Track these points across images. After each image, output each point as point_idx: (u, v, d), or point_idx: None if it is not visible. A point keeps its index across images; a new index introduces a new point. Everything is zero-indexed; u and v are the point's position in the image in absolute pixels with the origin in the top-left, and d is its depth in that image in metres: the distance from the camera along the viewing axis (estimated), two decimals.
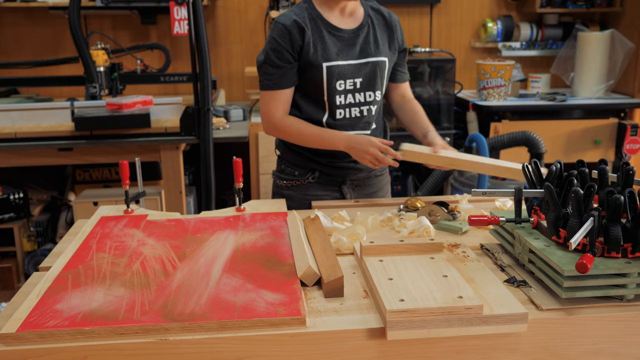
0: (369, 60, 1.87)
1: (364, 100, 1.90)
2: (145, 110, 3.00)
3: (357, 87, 1.88)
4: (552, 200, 1.25)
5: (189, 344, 1.08)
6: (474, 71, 4.20)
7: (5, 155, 2.94)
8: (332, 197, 1.99)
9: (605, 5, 4.05)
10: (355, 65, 1.86)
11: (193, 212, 3.61)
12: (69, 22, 3.12)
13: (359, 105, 1.89)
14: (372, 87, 1.90)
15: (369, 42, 1.88)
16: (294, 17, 1.82)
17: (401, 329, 1.09)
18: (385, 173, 2.11)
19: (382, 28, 1.93)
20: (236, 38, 4.09)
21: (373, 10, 1.94)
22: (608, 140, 3.82)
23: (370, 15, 1.92)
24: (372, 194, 2.05)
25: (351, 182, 2.00)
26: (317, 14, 1.85)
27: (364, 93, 1.89)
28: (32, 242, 3.51)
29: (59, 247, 1.54)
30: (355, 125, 1.91)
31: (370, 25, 1.90)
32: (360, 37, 1.88)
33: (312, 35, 1.82)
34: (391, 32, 1.94)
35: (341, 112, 1.88)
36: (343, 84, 1.86)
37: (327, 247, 1.38)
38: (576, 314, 1.16)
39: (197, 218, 1.66)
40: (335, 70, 1.83)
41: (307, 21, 1.83)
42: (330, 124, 1.90)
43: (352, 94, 1.88)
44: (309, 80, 1.86)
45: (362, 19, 1.90)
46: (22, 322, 1.11)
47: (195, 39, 2.85)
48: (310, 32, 1.82)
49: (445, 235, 1.57)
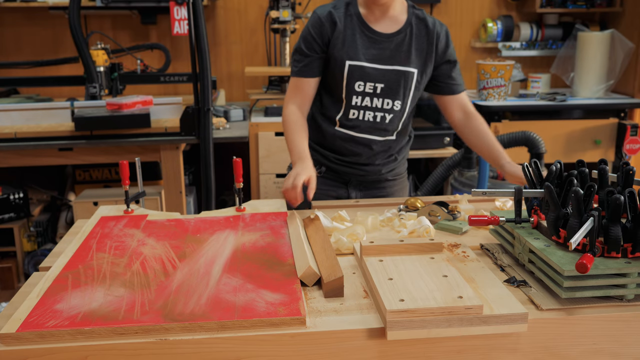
0: (395, 68, 1.83)
1: (380, 107, 1.86)
2: (145, 110, 3.00)
3: (376, 92, 1.84)
4: (552, 200, 1.25)
5: (189, 344, 1.08)
6: (474, 71, 4.20)
7: (5, 155, 2.94)
8: (337, 194, 1.98)
9: (605, 5, 4.05)
10: (380, 70, 1.83)
11: (193, 212, 3.61)
12: (69, 22, 3.12)
13: (374, 110, 1.86)
14: (392, 96, 1.86)
15: (402, 50, 1.83)
16: (330, 9, 1.83)
17: (401, 329, 1.09)
18: (399, 179, 2.05)
19: (421, 39, 1.85)
20: (236, 38, 4.09)
21: (418, 19, 1.86)
22: (608, 140, 3.82)
23: (412, 23, 1.85)
24: (381, 197, 2.02)
25: (358, 182, 1.99)
26: (356, 11, 1.84)
27: (382, 99, 1.86)
28: (32, 242, 3.51)
29: (59, 247, 1.54)
30: (365, 129, 1.89)
31: (408, 33, 1.84)
32: (394, 43, 1.83)
33: (343, 31, 1.81)
34: (430, 43, 1.85)
35: (355, 112, 1.87)
36: (363, 85, 1.83)
37: (327, 247, 1.38)
38: (576, 314, 1.16)
39: (197, 218, 1.66)
40: (358, 70, 1.82)
41: (343, 16, 1.82)
42: (342, 122, 1.89)
43: (370, 97, 1.85)
44: (332, 74, 1.85)
45: (402, 26, 1.84)
46: (22, 322, 1.11)
47: (195, 39, 2.85)
48: (343, 27, 1.81)
49: (445, 235, 1.57)
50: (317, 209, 1.76)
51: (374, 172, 1.97)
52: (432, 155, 3.66)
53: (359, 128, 1.89)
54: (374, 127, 1.89)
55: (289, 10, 3.52)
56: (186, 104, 3.07)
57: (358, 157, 1.93)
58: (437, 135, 3.65)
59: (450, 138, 3.66)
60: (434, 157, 3.70)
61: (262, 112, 3.56)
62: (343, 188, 1.99)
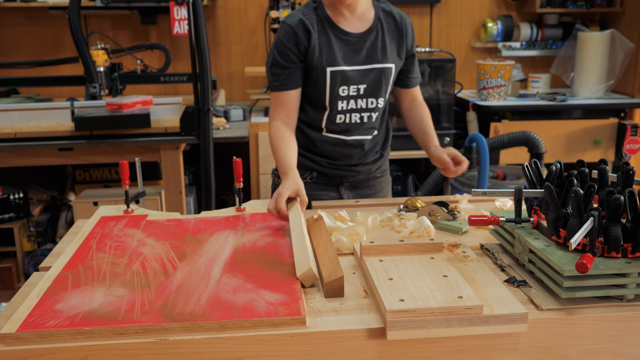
0: (374, 66, 1.83)
1: (365, 107, 1.87)
2: (145, 110, 3.00)
3: (360, 93, 1.84)
4: (552, 200, 1.25)
5: (189, 344, 1.08)
6: (474, 71, 4.20)
7: (5, 155, 2.94)
8: (329, 197, 1.98)
9: (605, 5, 4.05)
10: (360, 71, 1.82)
11: (193, 212, 3.61)
12: (69, 22, 3.12)
13: (360, 111, 1.87)
14: (375, 94, 1.86)
15: (377, 47, 1.83)
16: (300, 17, 1.79)
17: (401, 329, 1.09)
18: (385, 175, 2.09)
19: (392, 32, 1.86)
20: (236, 38, 4.09)
21: (384, 12, 1.86)
22: (608, 140, 3.82)
23: (381, 18, 1.85)
24: (370, 195, 2.04)
25: (349, 184, 1.99)
26: (325, 15, 1.81)
27: (366, 99, 1.86)
28: (32, 242, 3.51)
29: (59, 247, 1.54)
30: (354, 131, 1.89)
31: (379, 29, 1.84)
32: (368, 41, 1.83)
33: (318, 38, 1.79)
34: (401, 36, 1.86)
35: (341, 117, 1.86)
36: (347, 89, 1.82)
37: (330, 247, 1.38)
38: (576, 314, 1.16)
39: (197, 218, 1.66)
40: (339, 75, 1.80)
41: (315, 22, 1.79)
42: (329, 128, 1.89)
43: (355, 99, 1.85)
44: (312, 83, 1.83)
45: (372, 22, 1.84)
46: (22, 322, 1.11)
47: (195, 39, 2.85)
48: (317, 34, 1.78)
49: (445, 235, 1.57)
50: (318, 209, 1.76)
51: (364, 172, 1.98)
52: None
53: (349, 131, 1.89)
54: (363, 128, 1.90)
55: (289, 10, 3.51)
56: (186, 104, 3.07)
57: (350, 159, 1.93)
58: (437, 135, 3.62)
59: (450, 138, 3.66)
60: None
61: (262, 112, 3.56)
62: (335, 190, 1.99)
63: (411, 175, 3.92)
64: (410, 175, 3.92)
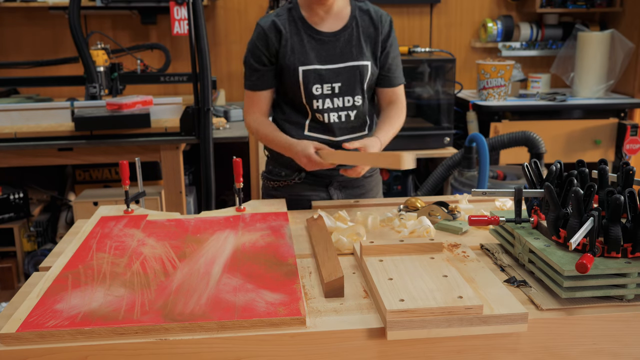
0: (348, 64, 1.82)
1: (342, 105, 1.85)
2: (145, 110, 3.00)
3: (335, 92, 1.83)
4: (552, 200, 1.25)
5: (189, 344, 1.08)
6: (474, 71, 4.20)
7: (5, 155, 2.94)
8: (319, 197, 1.96)
9: (605, 5, 4.05)
10: (333, 69, 1.82)
11: (193, 212, 3.61)
12: (69, 22, 3.12)
13: (337, 110, 1.85)
14: (351, 92, 1.85)
15: (351, 45, 1.83)
16: (273, 19, 1.81)
17: (401, 329, 1.09)
18: (375, 174, 2.07)
19: (368, 29, 1.85)
20: (236, 38, 4.09)
21: (361, 10, 1.86)
22: (608, 140, 3.82)
23: (356, 16, 1.84)
24: (360, 195, 2.01)
25: (338, 183, 1.98)
26: (299, 15, 1.82)
27: (342, 98, 1.84)
28: (32, 242, 3.51)
29: (59, 247, 1.54)
30: (338, 131, 1.87)
31: (354, 27, 1.83)
32: (342, 40, 1.82)
33: (289, 38, 1.79)
34: (376, 30, 1.85)
35: (320, 116, 1.85)
36: (320, 88, 1.82)
37: (330, 247, 1.38)
38: (576, 314, 1.16)
39: (197, 218, 1.66)
40: (312, 74, 1.80)
41: (287, 23, 1.80)
42: (312, 128, 1.87)
43: (331, 98, 1.84)
44: (287, 83, 1.83)
45: (347, 21, 1.83)
46: (22, 322, 1.11)
47: (195, 39, 2.85)
48: (289, 34, 1.79)
49: (445, 235, 1.57)
50: (318, 209, 1.76)
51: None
52: (432, 155, 3.66)
53: (332, 132, 1.87)
54: (346, 128, 1.88)
55: None
56: (186, 104, 3.07)
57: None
58: (437, 135, 3.65)
59: (450, 138, 3.66)
60: (434, 157, 3.70)
61: None
62: (324, 191, 1.97)
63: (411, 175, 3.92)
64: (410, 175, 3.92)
